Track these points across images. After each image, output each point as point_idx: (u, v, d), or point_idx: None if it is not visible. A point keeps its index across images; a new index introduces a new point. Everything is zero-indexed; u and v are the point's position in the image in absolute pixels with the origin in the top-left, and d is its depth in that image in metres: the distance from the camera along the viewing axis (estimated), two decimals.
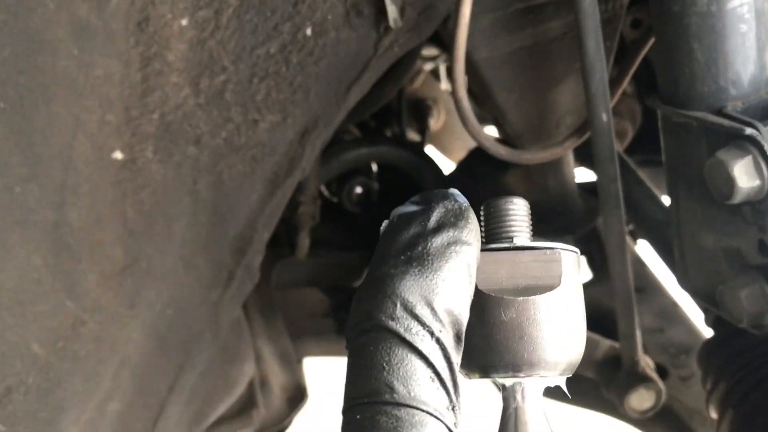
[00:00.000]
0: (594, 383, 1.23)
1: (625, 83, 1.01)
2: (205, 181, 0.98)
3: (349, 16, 0.93)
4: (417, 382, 0.45)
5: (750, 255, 0.84)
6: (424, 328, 0.46)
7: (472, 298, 0.50)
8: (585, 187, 1.38)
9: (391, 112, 1.81)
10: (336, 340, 1.51)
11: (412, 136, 1.93)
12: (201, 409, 1.15)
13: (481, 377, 0.52)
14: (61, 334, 0.89)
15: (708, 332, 1.09)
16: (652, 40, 0.99)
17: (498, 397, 0.53)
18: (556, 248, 0.52)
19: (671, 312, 1.37)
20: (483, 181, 1.38)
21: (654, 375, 1.15)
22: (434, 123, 1.96)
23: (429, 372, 0.46)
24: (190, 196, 0.98)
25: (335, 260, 1.59)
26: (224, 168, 0.99)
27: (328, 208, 1.61)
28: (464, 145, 1.98)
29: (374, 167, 1.70)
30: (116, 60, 0.88)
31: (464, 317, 0.48)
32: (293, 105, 0.98)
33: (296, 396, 1.43)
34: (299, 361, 1.52)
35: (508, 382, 0.51)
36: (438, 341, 0.46)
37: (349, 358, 0.48)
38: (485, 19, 0.95)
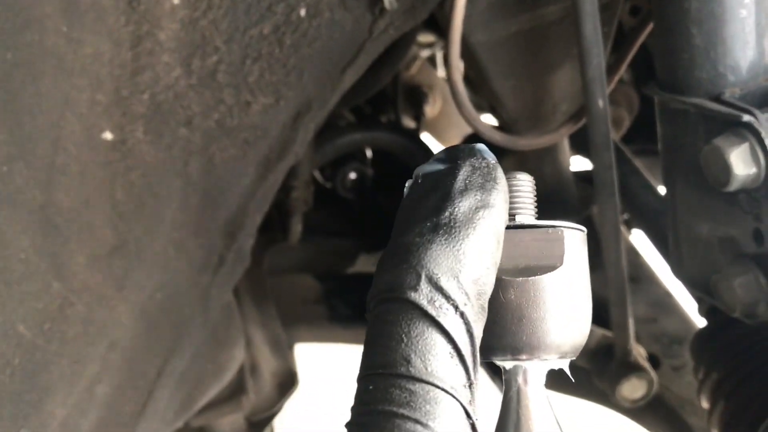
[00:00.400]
0: (585, 372, 1.22)
1: (623, 70, 1.00)
2: (197, 164, 0.97)
3: None
4: (435, 357, 0.44)
5: (745, 244, 0.83)
6: (448, 302, 0.45)
7: (498, 264, 0.48)
8: (580, 175, 1.37)
9: (387, 98, 1.80)
10: (328, 326, 1.50)
11: (408, 122, 1.92)
12: (190, 394, 1.14)
13: (481, 360, 0.51)
14: (48, 316, 0.88)
15: (701, 323, 1.08)
16: (650, 27, 0.97)
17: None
18: (559, 227, 0.50)
19: (664, 302, 1.37)
20: None
21: (646, 364, 1.15)
22: (430, 110, 1.95)
23: (449, 348, 0.44)
24: (181, 178, 0.97)
25: (328, 246, 1.58)
26: (216, 150, 0.98)
27: (321, 194, 1.60)
28: (460, 132, 1.97)
29: (369, 153, 1.69)
30: (106, 38, 0.86)
31: (489, 287, 0.46)
32: (286, 87, 0.97)
33: (287, 382, 1.43)
34: (290, 348, 1.51)
35: (508, 365, 0.50)
36: (462, 315, 0.45)
37: (368, 327, 0.46)
38: (481, 3, 0.93)
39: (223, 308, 1.12)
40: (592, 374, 1.22)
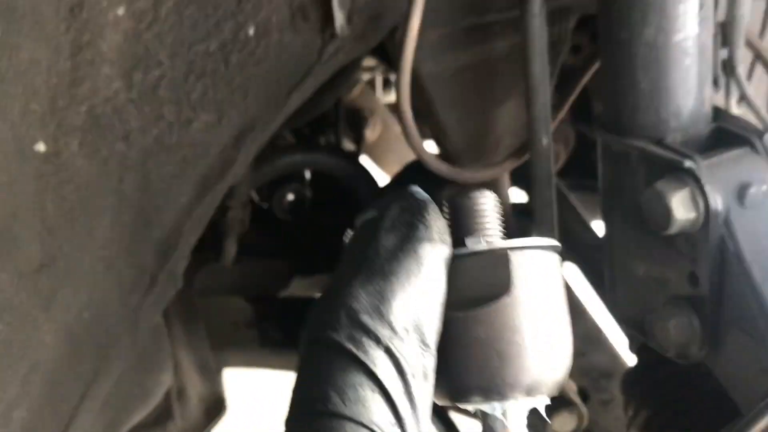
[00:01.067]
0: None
1: (566, 109, 1.02)
2: (132, 180, 0.94)
3: (294, 19, 0.90)
4: (355, 392, 0.43)
5: (680, 286, 0.85)
6: (369, 337, 0.44)
7: (443, 298, 0.47)
8: (517, 207, 1.38)
9: (327, 120, 1.80)
10: (259, 351, 1.47)
11: (347, 145, 1.91)
12: (114, 419, 1.09)
13: (452, 404, 0.49)
14: None
15: (629, 358, 1.10)
16: (594, 68, 1.00)
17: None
18: (513, 247, 0.48)
19: (594, 336, 1.39)
20: None
21: (577, 398, 1.16)
22: (370, 134, 1.95)
23: (370, 383, 0.43)
24: (115, 194, 0.93)
25: (262, 268, 1.55)
26: (153, 167, 0.95)
27: (257, 214, 1.58)
28: (398, 157, 1.98)
29: (307, 175, 1.67)
30: (44, 45, 0.83)
31: (428, 320, 0.46)
32: (230, 106, 0.95)
33: (215, 408, 1.39)
34: (219, 372, 1.47)
35: (484, 407, 0.48)
36: (387, 350, 0.44)
37: (297, 369, 0.46)
38: (433, 34, 0.94)
39: (151, 330, 1.08)
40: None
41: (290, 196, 1.56)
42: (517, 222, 1.33)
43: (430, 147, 1.20)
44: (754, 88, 1.04)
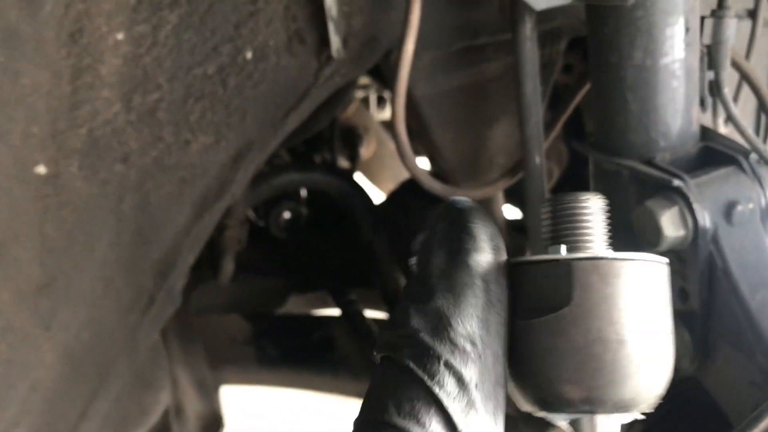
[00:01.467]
0: (511, 419, 1.24)
1: (559, 128, 1.04)
2: (131, 201, 0.95)
3: (291, 42, 0.92)
4: (411, 406, 0.46)
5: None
6: (428, 354, 0.46)
7: (498, 306, 0.47)
8: (511, 224, 1.40)
9: (322, 138, 1.81)
10: (256, 368, 1.48)
11: (342, 163, 1.93)
12: None
13: (541, 412, 0.48)
14: None
15: None
16: (586, 88, 1.02)
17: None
18: (585, 258, 0.46)
19: None
20: (413, 213, 1.39)
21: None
22: (365, 151, 1.96)
23: (426, 397, 0.46)
24: (114, 215, 0.94)
25: (259, 285, 1.56)
26: (152, 188, 0.96)
27: (253, 232, 1.59)
28: (393, 174, 1.99)
29: (303, 193, 1.68)
30: (46, 70, 0.84)
31: (490, 330, 0.47)
32: (228, 128, 0.96)
33: (212, 425, 1.39)
34: (217, 390, 1.48)
35: (568, 418, 0.48)
36: (447, 364, 0.46)
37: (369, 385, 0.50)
38: (426, 57, 0.96)
39: (150, 349, 1.09)
40: (518, 421, 1.23)
41: (286, 215, 1.58)
42: (512, 238, 1.34)
43: (424, 164, 1.22)
44: (742, 107, 1.07)
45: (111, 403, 1.04)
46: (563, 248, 0.49)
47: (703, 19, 0.84)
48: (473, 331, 0.47)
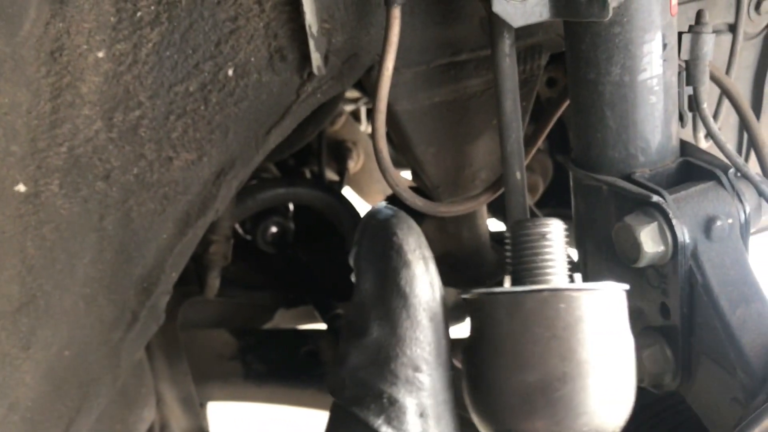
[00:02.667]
0: None
1: (540, 142, 1.04)
2: (113, 218, 0.95)
3: (272, 59, 0.92)
4: None
5: (652, 316, 0.86)
6: (370, 393, 0.45)
7: (437, 320, 0.47)
8: (495, 237, 1.40)
9: (311, 151, 1.81)
10: (242, 384, 1.47)
11: (331, 176, 1.93)
12: None
13: None
14: None
15: None
16: (567, 102, 1.02)
17: None
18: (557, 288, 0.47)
19: None
20: None
21: None
22: (353, 165, 1.97)
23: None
24: (96, 232, 0.94)
25: (245, 300, 1.56)
26: (134, 205, 0.96)
27: (240, 247, 1.59)
28: (381, 188, 2.00)
29: (291, 207, 1.68)
30: (24, 89, 0.84)
31: (426, 354, 0.46)
32: (210, 144, 0.96)
33: None
34: (203, 406, 1.47)
35: None
36: (390, 399, 0.45)
37: None
38: (407, 73, 0.96)
39: (134, 366, 1.08)
40: None
41: (273, 229, 1.57)
42: (497, 252, 1.34)
43: (408, 177, 1.22)
44: (724, 121, 1.07)
45: (94, 422, 1.03)
46: (507, 280, 0.49)
47: (680, 34, 0.84)
48: (416, 356, 0.46)
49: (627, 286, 0.49)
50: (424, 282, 0.47)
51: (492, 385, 0.47)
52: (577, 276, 0.48)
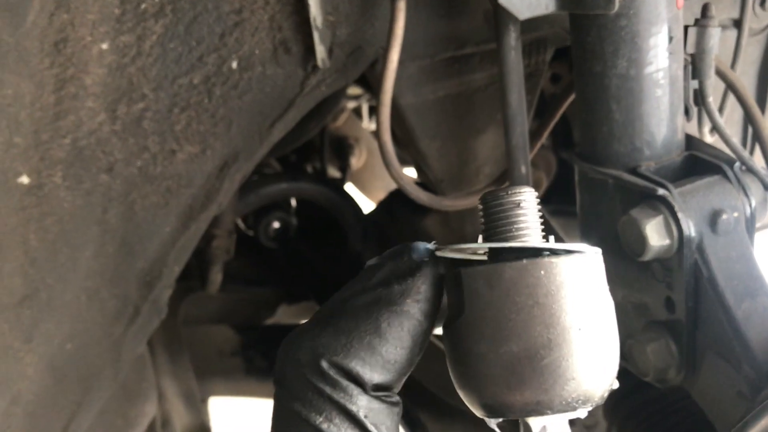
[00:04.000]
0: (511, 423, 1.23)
1: (545, 137, 1.04)
2: (116, 211, 0.94)
3: (276, 52, 0.92)
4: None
5: (657, 311, 0.86)
6: (309, 389, 0.46)
7: (398, 312, 0.47)
8: None
9: (313, 147, 1.81)
10: (244, 380, 1.46)
11: (333, 173, 1.92)
12: None
13: (489, 417, 0.48)
14: None
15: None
16: (571, 97, 1.01)
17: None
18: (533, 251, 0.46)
19: None
20: (402, 223, 1.39)
21: None
22: (355, 161, 1.96)
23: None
24: (99, 225, 0.94)
25: (247, 295, 1.55)
26: (137, 198, 0.95)
27: (242, 242, 1.58)
28: (384, 185, 1.99)
29: (293, 202, 1.68)
30: (28, 80, 0.84)
31: (377, 353, 0.47)
32: (213, 137, 0.96)
33: None
34: (204, 401, 1.46)
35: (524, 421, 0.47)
36: (330, 400, 0.45)
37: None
38: (412, 67, 0.95)
39: (135, 361, 1.08)
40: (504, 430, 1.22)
41: (276, 224, 1.57)
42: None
43: (412, 173, 1.22)
44: (729, 115, 1.07)
45: (95, 416, 1.03)
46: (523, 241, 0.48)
47: (686, 28, 0.84)
48: (364, 356, 0.46)
49: (599, 249, 0.49)
50: (385, 272, 0.50)
51: (476, 358, 0.47)
52: (552, 240, 0.48)
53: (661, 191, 0.79)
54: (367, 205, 1.92)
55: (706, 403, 0.85)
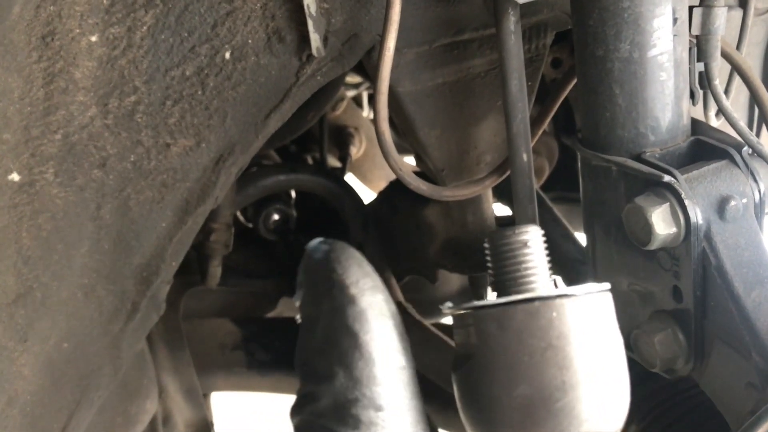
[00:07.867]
0: None
1: (546, 123, 1.02)
2: (110, 207, 0.93)
3: (270, 41, 0.90)
4: None
5: (664, 300, 0.84)
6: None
7: (395, 352, 0.46)
8: (501, 222, 1.38)
9: (313, 137, 1.79)
10: (246, 374, 1.45)
11: (333, 162, 1.91)
12: None
13: None
14: None
15: None
16: (573, 82, 0.99)
17: None
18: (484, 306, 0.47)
19: None
20: (402, 213, 1.37)
21: None
22: (355, 151, 1.94)
23: None
24: (93, 222, 0.92)
25: (248, 289, 1.54)
26: (131, 193, 0.94)
27: (242, 234, 1.57)
28: (384, 174, 1.98)
29: (293, 194, 1.66)
30: (16, 75, 0.82)
31: (387, 391, 0.45)
32: (208, 130, 0.94)
33: None
34: (206, 396, 1.45)
35: None
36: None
37: None
38: (409, 53, 0.93)
39: (135, 357, 1.07)
40: None
41: (275, 216, 1.55)
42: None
43: (412, 162, 1.20)
44: (734, 98, 1.04)
45: (95, 414, 1.02)
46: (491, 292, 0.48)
47: (691, 9, 0.82)
48: (375, 395, 0.44)
49: (609, 285, 0.48)
50: (373, 314, 0.47)
51: (490, 401, 0.46)
52: (559, 280, 0.47)
53: (667, 178, 0.77)
54: (367, 194, 1.91)
55: (715, 393, 0.83)
